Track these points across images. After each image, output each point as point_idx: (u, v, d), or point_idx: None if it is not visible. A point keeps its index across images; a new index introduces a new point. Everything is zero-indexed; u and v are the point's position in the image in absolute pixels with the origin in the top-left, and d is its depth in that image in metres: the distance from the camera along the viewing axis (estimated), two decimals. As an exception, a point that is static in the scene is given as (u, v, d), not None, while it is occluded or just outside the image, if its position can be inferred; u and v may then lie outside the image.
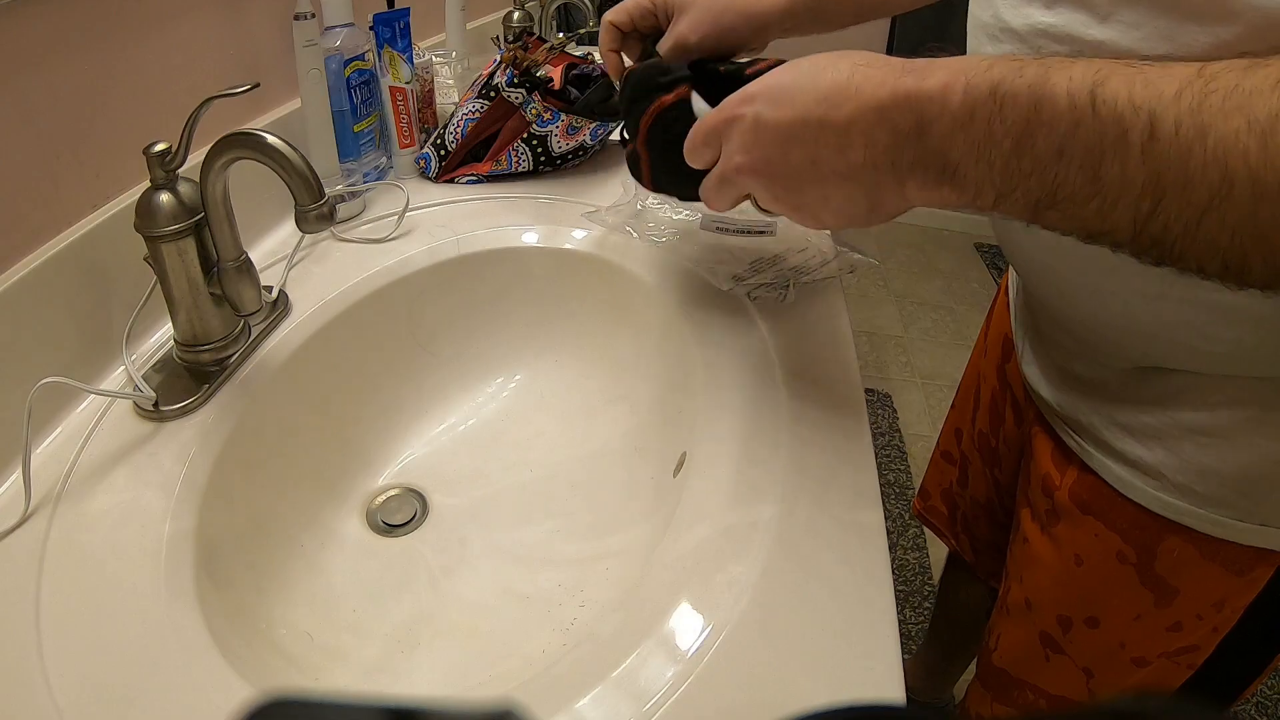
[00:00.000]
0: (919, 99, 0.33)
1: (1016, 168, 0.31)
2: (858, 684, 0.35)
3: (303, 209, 0.46)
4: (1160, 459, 0.47)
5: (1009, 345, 0.68)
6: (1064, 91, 0.30)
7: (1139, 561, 0.51)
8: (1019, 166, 0.31)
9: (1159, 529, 0.49)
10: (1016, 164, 0.31)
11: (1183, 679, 0.54)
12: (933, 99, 0.33)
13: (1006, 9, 0.44)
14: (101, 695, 0.34)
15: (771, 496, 0.44)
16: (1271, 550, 0.47)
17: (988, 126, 0.31)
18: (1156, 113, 0.28)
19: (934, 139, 0.33)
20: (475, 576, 0.53)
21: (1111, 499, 0.51)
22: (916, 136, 0.34)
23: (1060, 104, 0.29)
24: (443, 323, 0.68)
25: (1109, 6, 0.37)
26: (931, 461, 0.88)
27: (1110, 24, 0.38)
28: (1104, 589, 0.54)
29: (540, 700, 0.34)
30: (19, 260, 0.47)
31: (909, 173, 0.35)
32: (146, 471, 0.45)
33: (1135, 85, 0.28)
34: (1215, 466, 0.45)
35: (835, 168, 0.37)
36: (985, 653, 0.67)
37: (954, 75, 0.32)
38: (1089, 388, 0.52)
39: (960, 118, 0.32)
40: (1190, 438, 0.46)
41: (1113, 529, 0.52)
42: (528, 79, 0.78)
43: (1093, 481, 0.52)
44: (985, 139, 0.32)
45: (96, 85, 0.52)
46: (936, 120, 0.33)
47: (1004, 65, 0.32)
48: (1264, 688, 1.27)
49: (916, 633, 1.33)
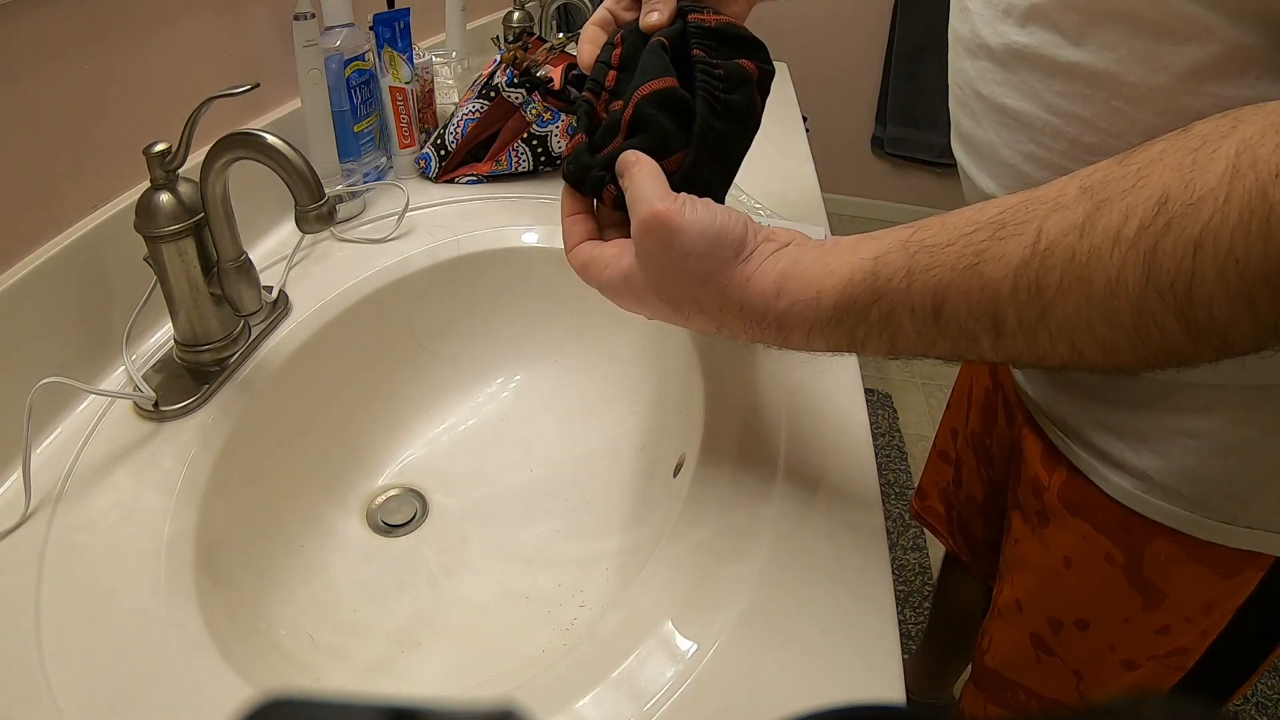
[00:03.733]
0: (792, 348, 0.37)
1: (892, 358, 0.35)
2: (858, 684, 0.35)
3: (303, 209, 0.46)
4: (1147, 461, 0.48)
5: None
6: (910, 325, 0.32)
7: (1127, 564, 0.51)
8: (893, 358, 0.35)
9: (1146, 531, 0.49)
10: (891, 357, 0.35)
11: (1172, 682, 0.54)
12: (799, 346, 0.36)
13: (983, 25, 0.44)
14: (101, 695, 0.34)
15: (771, 497, 0.44)
16: (1260, 553, 0.47)
17: (859, 353, 0.36)
18: (997, 316, 0.29)
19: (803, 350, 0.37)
20: (475, 577, 0.53)
21: (1099, 501, 0.51)
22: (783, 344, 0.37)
23: (909, 335, 0.33)
24: (443, 323, 0.68)
25: (1082, 28, 0.37)
26: (928, 461, 0.88)
27: (1084, 46, 0.38)
28: (1092, 591, 0.54)
29: (540, 700, 0.34)
30: (19, 260, 0.47)
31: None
32: (146, 471, 0.45)
33: (973, 294, 0.30)
34: (1203, 469, 0.45)
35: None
36: (979, 654, 0.67)
37: (807, 327, 0.35)
38: (1076, 389, 0.52)
39: (831, 351, 0.36)
40: (1177, 440, 0.46)
41: (1100, 531, 0.52)
42: (528, 79, 0.78)
43: (1081, 483, 0.52)
44: (854, 348, 0.36)
45: (96, 85, 0.52)
46: (802, 346, 0.37)
47: (855, 317, 0.34)
48: (1264, 688, 1.27)
49: (916, 633, 1.33)
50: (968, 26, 0.46)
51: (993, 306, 0.29)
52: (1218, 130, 0.26)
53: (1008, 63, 0.43)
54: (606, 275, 0.39)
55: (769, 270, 0.35)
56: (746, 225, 0.36)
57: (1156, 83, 0.36)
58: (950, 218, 0.32)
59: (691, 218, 0.35)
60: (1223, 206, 0.24)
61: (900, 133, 2.63)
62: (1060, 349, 0.28)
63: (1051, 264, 0.27)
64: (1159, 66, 0.35)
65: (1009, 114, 0.44)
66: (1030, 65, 0.41)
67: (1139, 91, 0.37)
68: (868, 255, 0.33)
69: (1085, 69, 0.38)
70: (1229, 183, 0.24)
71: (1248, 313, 0.24)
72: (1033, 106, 0.42)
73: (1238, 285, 0.24)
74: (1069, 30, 0.38)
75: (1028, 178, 0.44)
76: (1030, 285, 0.28)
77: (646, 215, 0.36)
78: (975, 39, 0.45)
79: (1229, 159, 0.24)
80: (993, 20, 0.43)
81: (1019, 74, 0.42)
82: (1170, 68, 0.35)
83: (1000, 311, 0.29)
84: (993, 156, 0.47)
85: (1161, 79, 0.36)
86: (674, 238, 0.35)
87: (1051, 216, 0.28)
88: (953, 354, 0.32)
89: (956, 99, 0.50)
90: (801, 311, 0.35)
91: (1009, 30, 0.41)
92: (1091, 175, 0.28)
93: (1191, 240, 0.24)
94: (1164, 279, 0.25)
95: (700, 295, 0.36)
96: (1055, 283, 0.27)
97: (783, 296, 0.35)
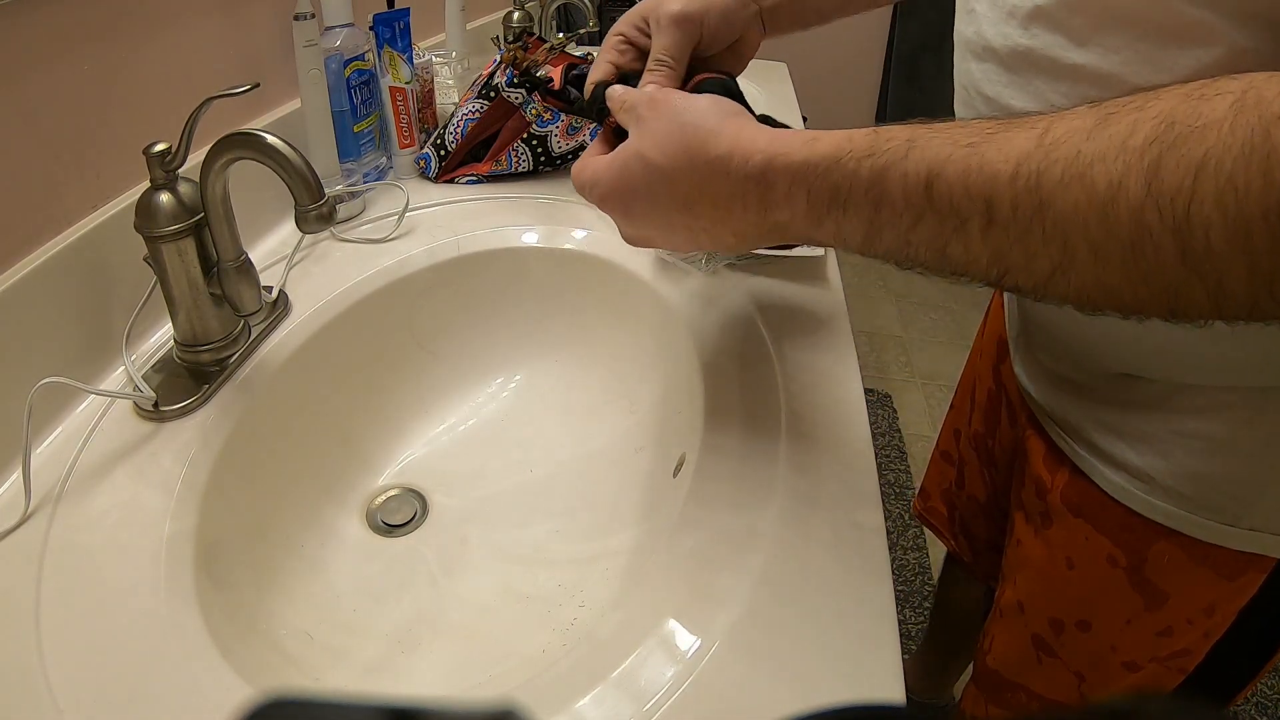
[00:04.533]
0: (774, 219, 0.36)
1: (871, 246, 0.34)
2: (858, 684, 0.35)
3: (303, 209, 0.46)
4: (1150, 462, 0.47)
5: (1004, 346, 0.68)
6: (899, 191, 0.31)
7: (1129, 565, 0.51)
8: (872, 247, 0.34)
9: (1149, 533, 0.49)
10: (870, 245, 0.33)
11: (1174, 684, 0.54)
12: (782, 212, 0.35)
13: (989, 27, 0.44)
14: (101, 695, 0.34)
15: (771, 496, 0.44)
16: (1262, 555, 0.47)
17: (837, 227, 0.34)
18: (992, 199, 0.28)
19: (790, 233, 0.37)
20: (475, 576, 0.53)
21: (1102, 502, 0.51)
22: (772, 229, 0.37)
23: (897, 204, 0.31)
24: (443, 323, 0.68)
25: (1087, 31, 0.37)
26: (931, 462, 0.88)
27: (1089, 48, 0.38)
28: (1095, 592, 0.54)
29: (540, 700, 0.34)
30: (19, 260, 0.47)
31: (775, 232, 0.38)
32: (146, 471, 0.45)
33: (971, 173, 0.29)
34: (1205, 471, 0.45)
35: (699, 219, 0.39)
36: (980, 655, 0.67)
37: (791, 176, 0.34)
38: (1079, 390, 0.52)
39: (810, 222, 0.35)
40: (1180, 442, 0.46)
41: (1103, 532, 0.52)
42: (528, 79, 0.78)
43: (1084, 484, 0.52)
44: (837, 234, 0.34)
45: (97, 85, 0.52)
46: (789, 226, 0.36)
47: (842, 170, 0.33)
48: (1264, 687, 1.27)
49: (916, 633, 1.33)
50: (973, 28, 0.46)
51: (989, 189, 0.28)
52: (1225, 77, 0.27)
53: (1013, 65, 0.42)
54: (605, 176, 0.41)
55: (763, 130, 0.37)
56: (740, 110, 0.39)
57: (1161, 85, 0.36)
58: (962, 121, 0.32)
59: (687, 95, 0.39)
60: (1226, 136, 0.24)
61: (901, 133, 2.62)
62: (1052, 250, 0.28)
63: (1055, 157, 0.27)
64: (1164, 69, 0.35)
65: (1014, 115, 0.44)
66: (1035, 67, 0.41)
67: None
68: (870, 126, 0.34)
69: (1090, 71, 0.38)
70: (1233, 115, 0.24)
71: (1244, 253, 0.24)
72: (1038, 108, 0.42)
73: (1236, 215, 0.24)
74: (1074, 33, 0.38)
75: None
76: (1031, 175, 0.28)
77: (650, 90, 0.40)
78: (980, 41, 0.45)
79: (1235, 95, 0.25)
80: (998, 22, 0.43)
81: (1024, 76, 0.42)
82: (1175, 70, 0.35)
83: (996, 195, 0.28)
84: None
85: (1166, 81, 0.35)
86: (673, 105, 0.38)
87: (1061, 119, 0.28)
88: (936, 238, 0.31)
89: (962, 100, 0.50)
90: (793, 154, 0.34)
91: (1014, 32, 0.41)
92: (1101, 99, 0.29)
93: (1194, 162, 0.24)
94: (1165, 194, 0.25)
95: (692, 144, 0.37)
96: (1057, 176, 0.27)
97: (776, 140, 0.35)
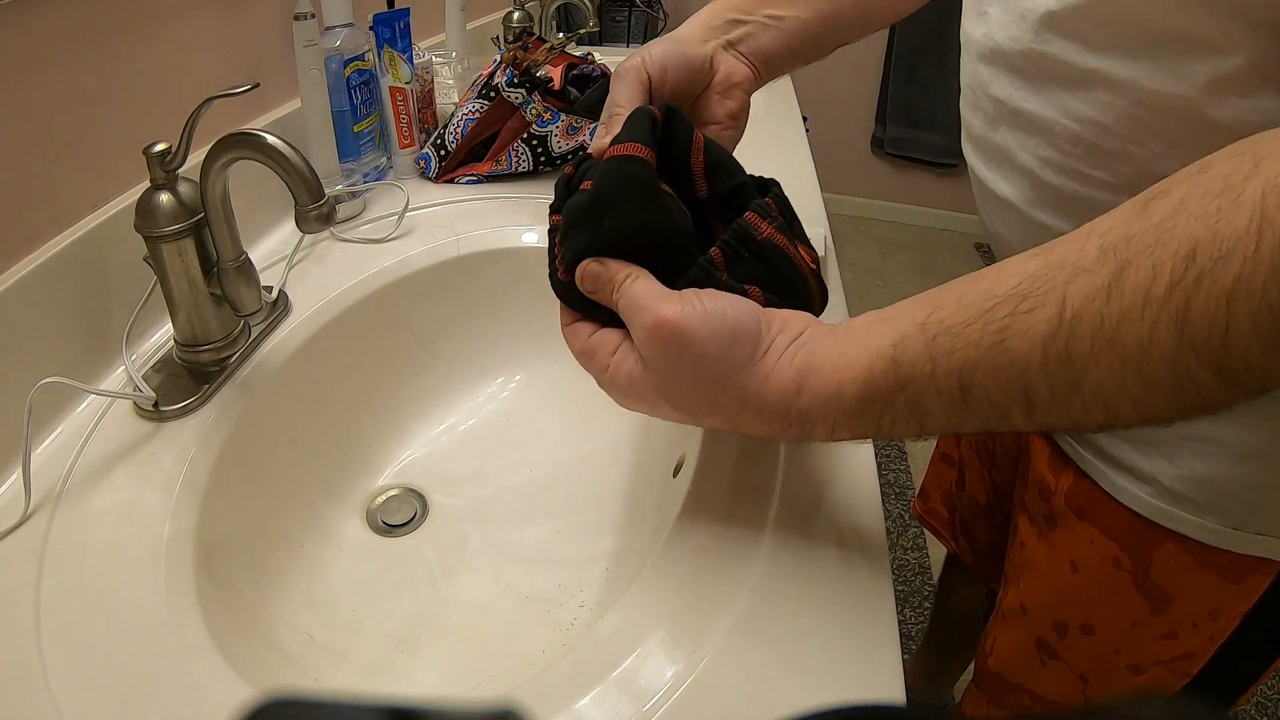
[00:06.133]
0: (808, 435, 0.34)
1: (920, 438, 0.33)
2: (858, 684, 0.35)
3: (303, 209, 0.46)
4: (1156, 466, 0.47)
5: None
6: (937, 407, 0.30)
7: (1134, 568, 0.51)
8: (919, 437, 0.33)
9: (1154, 536, 0.49)
10: (916, 436, 0.33)
11: (1178, 687, 0.54)
12: (825, 436, 0.34)
13: (1000, 29, 0.44)
14: (101, 695, 0.34)
15: (771, 496, 0.44)
16: (1268, 559, 0.47)
17: (880, 432, 0.33)
18: (1028, 389, 0.28)
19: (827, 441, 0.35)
20: (475, 576, 0.53)
21: (1107, 505, 0.51)
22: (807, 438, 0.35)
23: (938, 416, 0.31)
24: (443, 323, 0.68)
25: (1103, 36, 0.37)
26: (931, 463, 0.88)
27: (1105, 54, 0.37)
28: (1099, 595, 0.54)
29: (540, 700, 0.34)
30: (19, 260, 0.47)
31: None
32: (146, 471, 0.45)
33: (1001, 371, 0.28)
34: (1212, 475, 0.45)
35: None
36: (981, 656, 0.67)
37: (831, 421, 0.33)
38: None
39: (857, 439, 0.34)
40: (1186, 446, 0.46)
41: (1108, 535, 0.52)
42: (528, 79, 0.78)
43: (1088, 487, 0.52)
44: (880, 435, 0.33)
45: (97, 85, 0.52)
46: (826, 438, 0.34)
47: (880, 406, 0.32)
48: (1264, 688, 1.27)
49: (916, 633, 1.33)
50: (983, 30, 0.45)
51: (1023, 380, 0.28)
52: (1239, 170, 0.25)
53: (1024, 68, 0.42)
54: (610, 375, 0.37)
55: (787, 366, 0.33)
56: (758, 318, 0.34)
57: (1178, 92, 0.36)
58: (966, 293, 0.31)
59: (703, 318, 0.32)
60: (1254, 256, 0.23)
61: (900, 133, 2.63)
62: (1095, 413, 0.28)
63: (1080, 332, 0.26)
64: (1181, 76, 0.35)
65: (1026, 118, 0.44)
66: (1050, 71, 0.41)
67: (1160, 100, 0.36)
68: (885, 342, 0.32)
69: (1104, 76, 0.38)
70: (1258, 230, 0.23)
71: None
72: (1051, 112, 0.42)
73: (1272, 332, 0.23)
74: (1087, 38, 0.38)
75: (1044, 183, 0.44)
76: (1060, 355, 0.27)
77: (652, 323, 0.33)
78: (990, 42, 0.44)
79: (1255, 203, 0.24)
80: (1009, 25, 0.42)
81: (1038, 79, 0.42)
82: (1192, 78, 0.34)
83: (1031, 385, 0.28)
84: (1008, 161, 0.46)
85: (1183, 88, 0.35)
86: (686, 344, 0.32)
87: (1074, 282, 0.27)
88: (984, 429, 0.31)
89: (969, 101, 0.50)
90: (824, 406, 0.32)
91: (1025, 36, 0.41)
92: (1110, 231, 0.27)
93: (1224, 293, 0.24)
94: (1199, 334, 0.24)
95: (716, 397, 0.34)
96: (1086, 350, 0.26)
97: (804, 393, 0.32)
